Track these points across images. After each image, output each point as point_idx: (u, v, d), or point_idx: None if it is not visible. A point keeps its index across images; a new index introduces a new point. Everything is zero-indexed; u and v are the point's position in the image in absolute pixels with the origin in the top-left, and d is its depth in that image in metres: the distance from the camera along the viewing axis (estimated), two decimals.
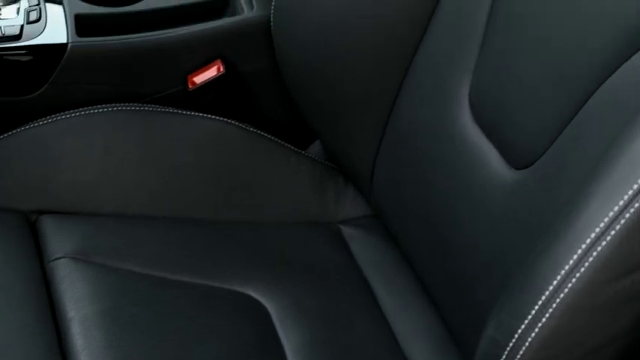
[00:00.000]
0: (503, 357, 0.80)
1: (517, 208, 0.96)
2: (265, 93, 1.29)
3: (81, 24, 1.20)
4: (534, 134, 0.95)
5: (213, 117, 1.22)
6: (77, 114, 1.19)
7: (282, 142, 1.25)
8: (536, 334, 0.78)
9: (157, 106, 1.21)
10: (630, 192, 0.77)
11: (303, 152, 1.27)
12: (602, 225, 0.76)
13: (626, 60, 0.88)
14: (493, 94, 1.02)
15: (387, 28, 1.11)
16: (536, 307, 0.78)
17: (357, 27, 1.12)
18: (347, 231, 1.24)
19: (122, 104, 1.20)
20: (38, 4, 1.21)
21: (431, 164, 1.09)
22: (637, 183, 0.76)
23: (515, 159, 0.98)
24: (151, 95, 1.23)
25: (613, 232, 0.76)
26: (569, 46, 0.93)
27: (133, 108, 1.20)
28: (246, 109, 1.28)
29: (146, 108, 1.21)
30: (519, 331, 0.79)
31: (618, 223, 0.76)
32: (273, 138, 1.24)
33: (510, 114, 0.99)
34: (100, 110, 1.19)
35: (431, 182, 1.09)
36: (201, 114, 1.22)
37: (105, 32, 1.21)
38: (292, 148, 1.26)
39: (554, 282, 0.76)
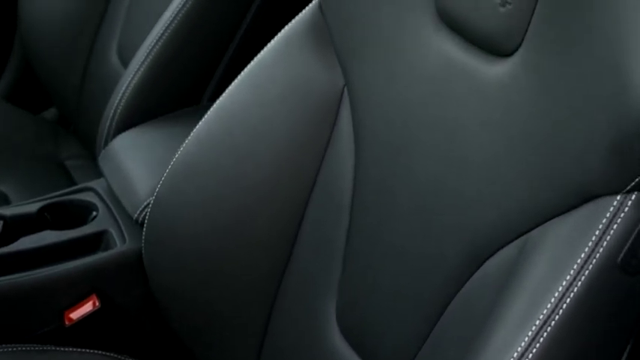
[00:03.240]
0: None
1: None
2: (144, 322, 1.31)
3: None
4: (398, 348, 1.00)
5: (91, 351, 1.22)
6: None
7: None
8: None
9: (34, 344, 1.22)
10: None
11: None
12: None
13: (475, 271, 0.94)
14: (357, 311, 1.06)
15: (254, 251, 1.15)
16: None
17: (224, 252, 1.16)
18: None
19: None
20: None
21: None
22: None
23: None
24: (27, 335, 1.24)
25: None
26: (420, 261, 0.99)
27: (8, 349, 1.20)
28: (125, 340, 1.30)
29: (22, 348, 1.21)
30: None
31: None
32: None
33: (374, 329, 1.03)
34: None
35: None
36: (79, 349, 1.22)
37: None
38: None
39: None
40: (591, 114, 0.83)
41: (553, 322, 0.81)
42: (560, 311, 0.82)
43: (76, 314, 1.25)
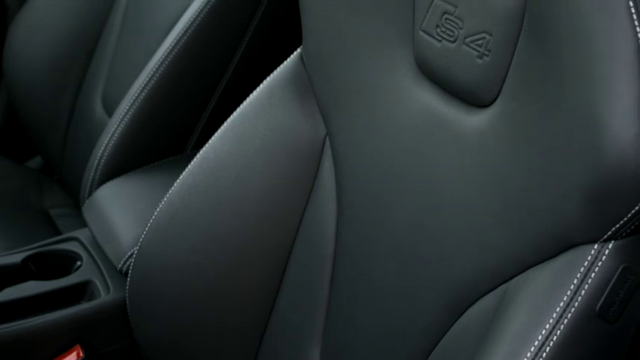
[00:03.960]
0: None
1: None
2: None
3: None
4: None
5: None
6: None
7: None
8: None
9: None
10: None
11: None
12: None
13: (456, 320, 0.94)
14: (341, 358, 1.07)
15: (238, 300, 1.15)
16: None
17: (208, 301, 1.16)
18: None
19: None
20: None
21: None
22: None
23: None
24: None
25: None
26: (402, 309, 0.99)
27: None
28: None
29: None
30: None
31: None
32: None
33: None
34: None
35: None
36: None
37: None
38: None
39: None
40: (567, 163, 0.84)
41: None
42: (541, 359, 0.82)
43: None
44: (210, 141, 1.17)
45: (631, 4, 0.81)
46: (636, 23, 0.80)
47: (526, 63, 0.88)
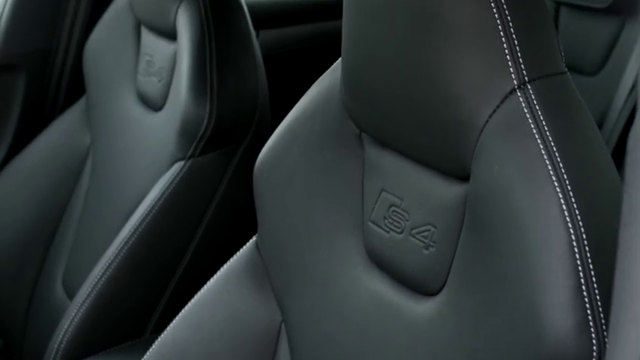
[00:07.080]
0: None
1: None
2: None
3: None
4: None
5: None
6: None
7: None
8: None
9: None
10: None
11: None
12: None
13: None
14: None
15: None
16: None
17: None
18: None
19: None
20: None
21: None
22: None
23: None
24: None
25: None
26: None
27: None
28: None
29: None
30: None
31: None
32: None
33: None
34: None
35: None
36: None
37: None
38: None
39: None
40: (509, 351, 0.87)
41: None
42: None
43: None
44: (168, 328, 1.20)
45: (562, 200, 0.86)
46: (568, 219, 0.85)
47: (469, 255, 0.92)
